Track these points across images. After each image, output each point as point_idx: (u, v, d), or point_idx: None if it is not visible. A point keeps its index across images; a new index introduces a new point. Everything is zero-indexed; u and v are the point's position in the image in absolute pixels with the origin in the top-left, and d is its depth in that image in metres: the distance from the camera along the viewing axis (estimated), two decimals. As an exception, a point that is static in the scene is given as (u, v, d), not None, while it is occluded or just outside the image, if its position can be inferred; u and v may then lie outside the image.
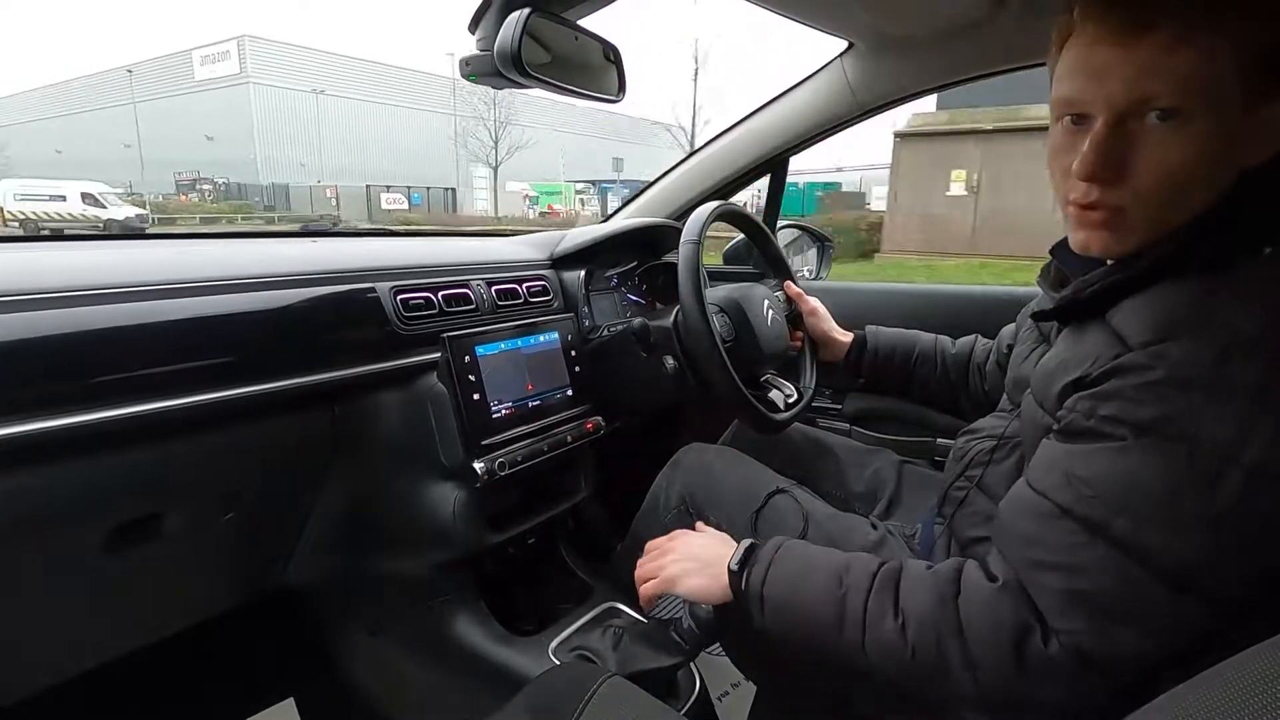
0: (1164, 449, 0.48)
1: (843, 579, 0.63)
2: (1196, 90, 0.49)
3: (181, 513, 0.85)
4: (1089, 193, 0.55)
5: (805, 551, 0.69)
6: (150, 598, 0.95)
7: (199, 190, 29.18)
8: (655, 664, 0.82)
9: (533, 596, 1.16)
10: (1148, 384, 0.49)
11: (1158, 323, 0.51)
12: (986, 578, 0.57)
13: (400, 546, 1.05)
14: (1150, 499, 0.48)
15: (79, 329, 0.69)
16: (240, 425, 0.82)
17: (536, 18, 0.73)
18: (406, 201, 28.29)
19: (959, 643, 0.55)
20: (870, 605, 0.60)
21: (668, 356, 1.03)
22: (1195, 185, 0.52)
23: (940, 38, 1.12)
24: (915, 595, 0.59)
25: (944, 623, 0.56)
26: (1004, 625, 0.53)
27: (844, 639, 0.61)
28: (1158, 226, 0.54)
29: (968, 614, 0.55)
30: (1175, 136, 0.51)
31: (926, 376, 1.09)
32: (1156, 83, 0.50)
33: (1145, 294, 0.54)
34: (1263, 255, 0.52)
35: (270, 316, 0.84)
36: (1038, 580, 0.53)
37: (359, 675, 1.15)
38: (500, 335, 0.99)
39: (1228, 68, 0.49)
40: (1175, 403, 0.47)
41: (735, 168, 1.43)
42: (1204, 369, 0.47)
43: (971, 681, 0.54)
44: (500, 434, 0.97)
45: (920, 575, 0.60)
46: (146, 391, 0.72)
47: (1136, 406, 0.49)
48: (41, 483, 0.68)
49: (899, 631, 0.58)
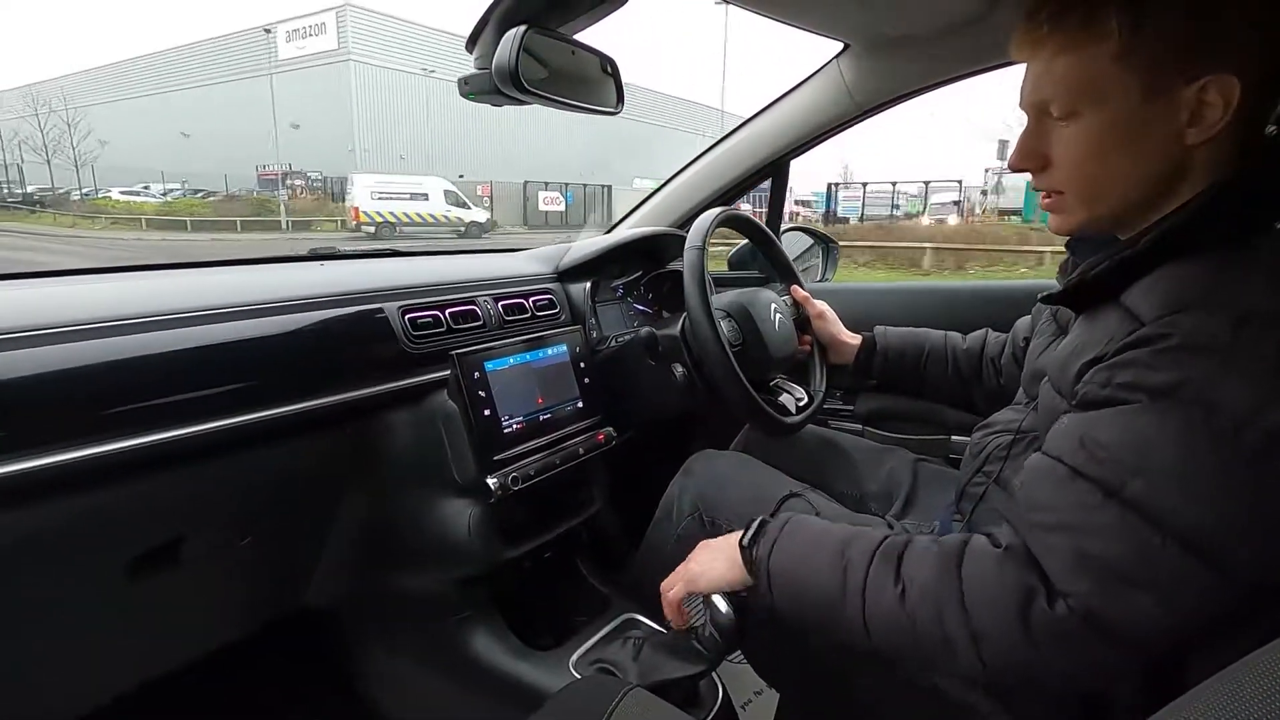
0: (1181, 412, 0.48)
1: (845, 551, 0.62)
2: (1079, 92, 0.56)
3: (201, 538, 0.86)
4: (1033, 180, 0.63)
5: (813, 525, 0.69)
6: (171, 624, 0.95)
7: (289, 186, 24.10)
8: (677, 674, 0.82)
9: (550, 610, 1.15)
10: (1163, 350, 0.49)
11: (1170, 298, 0.51)
12: (992, 545, 0.57)
13: (417, 564, 1.05)
14: (1166, 461, 0.48)
15: (93, 362, 0.70)
16: (255, 450, 0.83)
17: (533, 34, 0.74)
18: (563, 201, 24.40)
19: (959, 609, 0.54)
20: (871, 575, 0.59)
21: (676, 365, 1.03)
22: (1112, 167, 0.57)
23: (935, 36, 1.12)
24: (918, 565, 0.58)
25: (945, 591, 0.55)
26: (1007, 589, 0.53)
27: (846, 612, 0.60)
28: (1094, 206, 0.60)
29: (970, 580, 0.55)
30: (1071, 131, 0.58)
31: (938, 374, 1.09)
32: (1048, 88, 0.58)
33: (1156, 273, 0.55)
34: (1275, 231, 0.53)
35: (280, 341, 0.85)
36: (1046, 542, 0.53)
37: (378, 695, 1.15)
38: (508, 350, 1.00)
39: (1116, 68, 0.54)
40: (1192, 368, 0.48)
41: (736, 173, 1.44)
42: (1220, 337, 0.47)
43: (975, 654, 0.53)
44: (512, 449, 0.97)
45: (925, 546, 0.60)
46: (161, 420, 0.73)
47: (1153, 372, 0.49)
48: (63, 514, 0.69)
49: (898, 600, 0.57)
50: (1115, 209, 0.60)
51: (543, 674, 0.98)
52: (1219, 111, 0.52)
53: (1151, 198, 0.57)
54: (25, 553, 0.69)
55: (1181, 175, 0.56)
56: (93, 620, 0.83)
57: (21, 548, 0.69)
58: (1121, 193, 0.58)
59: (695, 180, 1.48)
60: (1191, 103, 0.53)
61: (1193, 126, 0.54)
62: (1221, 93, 0.52)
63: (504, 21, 0.74)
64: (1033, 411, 0.75)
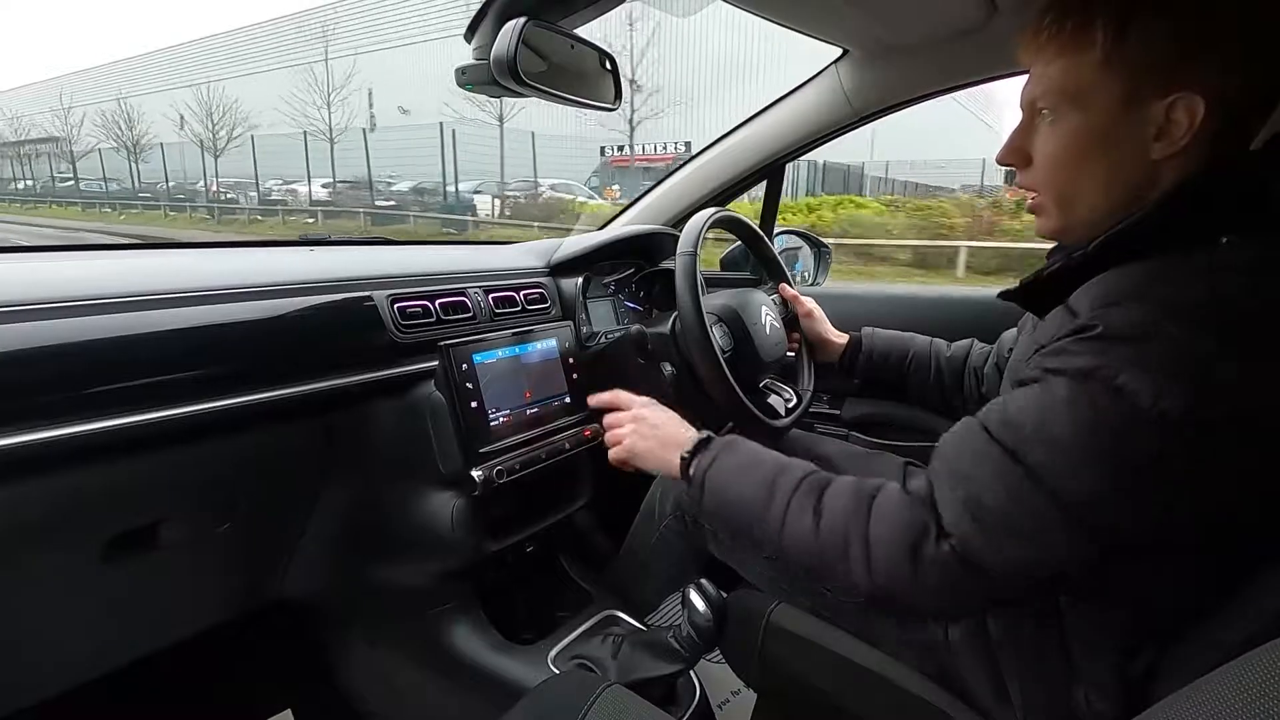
0: (1089, 392, 0.51)
1: (776, 480, 0.68)
2: (1064, 94, 0.60)
3: (178, 523, 0.85)
4: (1017, 177, 0.67)
5: (750, 451, 0.74)
6: (148, 608, 0.94)
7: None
8: (655, 672, 0.82)
9: (532, 605, 1.15)
10: (1087, 338, 0.53)
11: (1104, 295, 0.55)
12: (904, 490, 0.61)
13: (398, 555, 1.04)
14: (1069, 434, 0.52)
15: (74, 340, 0.69)
16: (237, 435, 0.82)
17: (533, 26, 0.74)
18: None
19: (863, 536, 0.60)
20: (794, 503, 0.65)
21: (665, 363, 1.03)
22: (1084, 171, 0.61)
23: (934, 44, 1.13)
24: (836, 499, 0.64)
25: (853, 520, 0.61)
26: (904, 525, 0.58)
27: (765, 525, 0.66)
28: (1067, 210, 0.64)
29: (876, 514, 0.60)
30: (1053, 130, 0.62)
31: (921, 379, 1.09)
32: (1040, 88, 0.62)
33: (1100, 276, 0.58)
34: (1220, 245, 0.54)
35: (267, 326, 0.84)
36: (946, 491, 0.57)
37: (357, 686, 1.14)
38: (498, 343, 0.99)
39: (1099, 75, 0.57)
40: (1107, 355, 0.51)
41: (731, 175, 1.44)
42: (1140, 327, 0.51)
43: (866, 572, 0.59)
44: (498, 442, 0.96)
45: (846, 483, 0.65)
46: (142, 401, 0.72)
47: (1074, 357, 0.53)
48: (38, 493, 0.68)
49: (813, 523, 0.63)
50: (1086, 214, 0.63)
51: (522, 668, 0.98)
52: (1183, 129, 0.55)
53: (1118, 207, 0.60)
54: (1, 530, 0.68)
55: (1148, 188, 0.59)
56: (65, 602, 0.82)
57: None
58: (1091, 198, 0.62)
59: (690, 180, 1.48)
60: (1159, 118, 0.56)
61: (1159, 141, 0.57)
62: (1187, 111, 0.55)
63: (504, 13, 0.74)
64: None
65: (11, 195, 28.62)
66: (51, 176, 28.30)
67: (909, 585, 0.57)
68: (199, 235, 15.34)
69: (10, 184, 29.64)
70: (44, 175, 28.85)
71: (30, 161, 29.65)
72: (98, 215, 21.53)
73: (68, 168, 27.15)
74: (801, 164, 14.49)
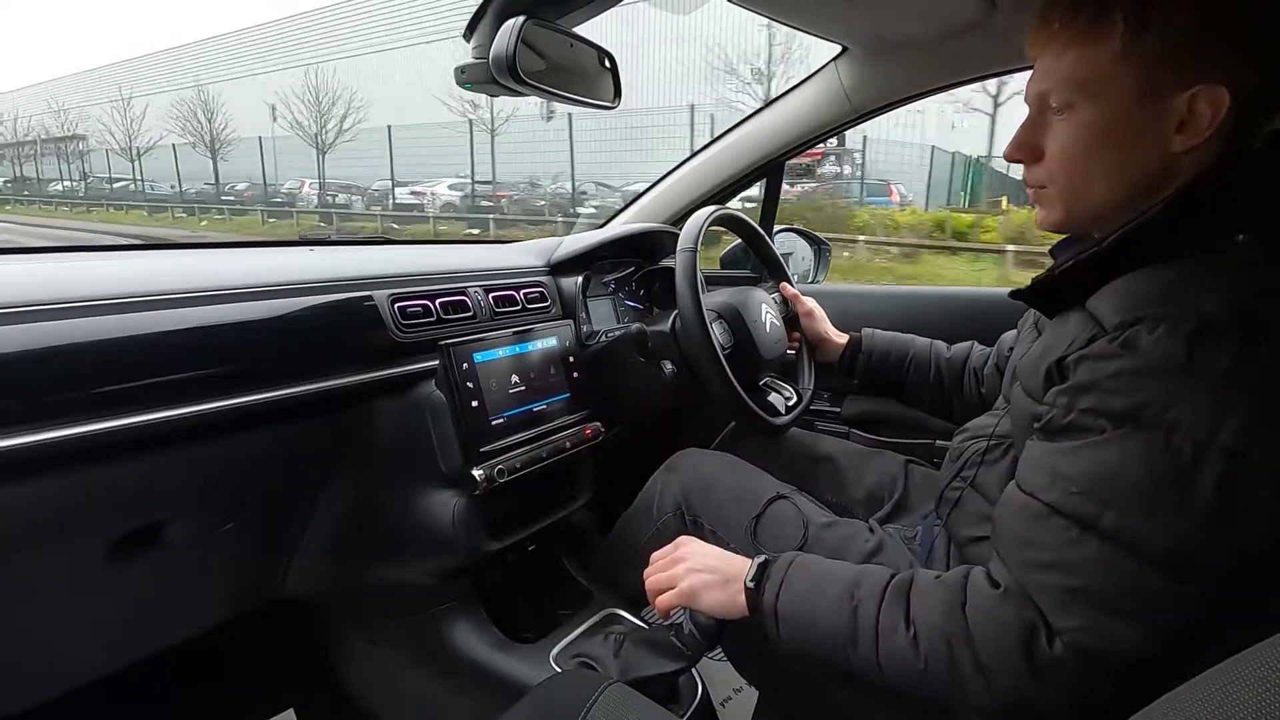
0: (1142, 437, 0.49)
1: (854, 593, 0.63)
2: (1078, 86, 0.58)
3: (182, 523, 0.85)
4: (1025, 172, 0.66)
5: (817, 566, 0.69)
6: (151, 608, 0.94)
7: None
8: (657, 670, 0.82)
9: (533, 604, 1.15)
10: (1121, 373, 0.51)
11: (1129, 305, 0.53)
12: (990, 584, 0.58)
13: (400, 554, 1.04)
14: (1134, 489, 0.49)
15: (77, 340, 0.69)
16: (239, 435, 0.82)
17: (532, 25, 0.74)
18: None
19: (969, 651, 0.55)
20: (882, 619, 0.60)
21: (666, 361, 1.03)
22: (1099, 164, 0.59)
23: (934, 41, 1.12)
24: (926, 606, 0.59)
25: (954, 632, 0.56)
26: (1010, 629, 0.54)
27: (859, 653, 0.61)
28: (1076, 203, 0.62)
29: (975, 621, 0.56)
30: (1066, 124, 0.60)
31: (920, 380, 1.09)
32: (1051, 81, 0.60)
33: (1121, 279, 0.56)
34: (1236, 242, 0.54)
35: (267, 325, 0.84)
36: (1036, 581, 0.54)
37: (359, 685, 1.14)
38: (498, 342, 0.99)
39: (1117, 67, 0.56)
40: (1149, 390, 0.49)
41: (731, 172, 1.44)
42: (1177, 356, 0.49)
43: (984, 687, 0.54)
44: (499, 441, 0.96)
45: (930, 586, 0.61)
46: (145, 402, 0.72)
47: (1112, 396, 0.51)
48: (43, 494, 0.68)
49: (911, 643, 0.58)
50: (1095, 208, 0.61)
51: (524, 667, 0.98)
52: (1205, 121, 0.54)
53: (1132, 200, 0.59)
54: (3, 531, 0.68)
55: (1164, 182, 0.58)
56: (70, 602, 0.83)
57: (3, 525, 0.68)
58: (1103, 192, 0.60)
59: (690, 178, 1.48)
60: (1182, 110, 0.54)
61: (1180, 133, 0.55)
62: (1210, 103, 0.53)
63: (502, 12, 0.74)
64: (1007, 415, 0.75)
65: (55, 197, 24.42)
66: (109, 175, 24.16)
67: (1034, 692, 0.52)
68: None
69: (52, 184, 25.60)
70: (91, 174, 24.91)
71: (84, 159, 25.23)
72: (170, 220, 18.60)
73: (122, 166, 23.70)
74: (939, 157, 12.07)
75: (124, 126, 24.21)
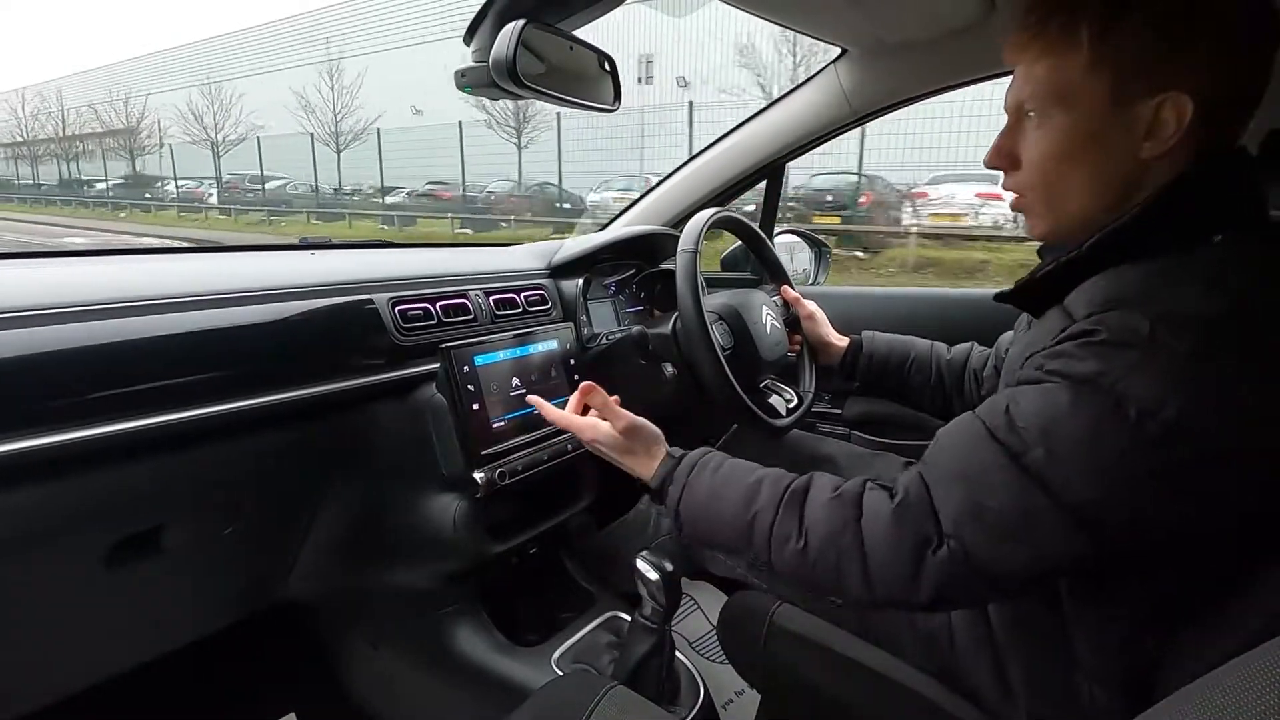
0: (1093, 398, 0.51)
1: (751, 504, 0.67)
2: (1051, 94, 0.60)
3: (182, 527, 0.85)
4: (1004, 179, 0.67)
5: (720, 472, 0.72)
6: (152, 612, 0.94)
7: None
8: (637, 655, 0.82)
9: (535, 606, 1.15)
10: (1089, 343, 0.53)
11: (1101, 299, 0.55)
12: (888, 498, 0.61)
13: (401, 558, 1.04)
14: (1070, 437, 0.52)
15: (76, 345, 0.69)
16: (239, 439, 0.82)
17: (532, 29, 0.74)
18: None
19: (859, 564, 0.59)
20: (776, 529, 0.64)
21: (667, 364, 1.03)
22: (1073, 171, 0.61)
23: (933, 43, 1.13)
24: (818, 519, 0.63)
25: (846, 547, 0.60)
26: (904, 544, 0.57)
27: (753, 553, 0.66)
28: (1056, 210, 0.64)
29: (869, 535, 0.59)
30: (1041, 133, 0.62)
31: (920, 382, 1.09)
32: (1027, 89, 0.62)
33: (1096, 278, 0.58)
34: (1213, 243, 0.55)
35: (268, 329, 0.84)
36: (951, 491, 0.57)
37: (361, 688, 1.14)
38: (499, 345, 0.99)
39: (1087, 76, 0.57)
40: (1111, 360, 0.51)
41: (732, 175, 1.44)
42: (1140, 333, 0.51)
43: (866, 590, 0.59)
44: (500, 444, 0.96)
45: (824, 499, 0.64)
46: (145, 406, 0.72)
47: (1078, 362, 0.53)
48: (42, 499, 0.68)
49: (801, 551, 0.62)
50: (1075, 215, 0.63)
51: (526, 670, 0.98)
52: (1172, 128, 0.55)
53: (1108, 206, 0.60)
54: (3, 536, 0.68)
55: (1136, 188, 0.59)
56: (71, 606, 0.82)
57: (1, 531, 0.68)
58: (1079, 198, 0.62)
59: (690, 180, 1.48)
60: (1149, 117, 0.56)
61: (1148, 140, 0.57)
62: (1176, 110, 0.55)
63: (502, 15, 0.74)
64: None
65: (75, 197, 22.72)
66: (132, 173, 22.52)
67: (910, 590, 0.57)
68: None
69: (74, 185, 23.68)
70: (107, 174, 23.05)
71: (143, 157, 22.98)
72: (194, 221, 17.23)
73: (153, 166, 21.87)
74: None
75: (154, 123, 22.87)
